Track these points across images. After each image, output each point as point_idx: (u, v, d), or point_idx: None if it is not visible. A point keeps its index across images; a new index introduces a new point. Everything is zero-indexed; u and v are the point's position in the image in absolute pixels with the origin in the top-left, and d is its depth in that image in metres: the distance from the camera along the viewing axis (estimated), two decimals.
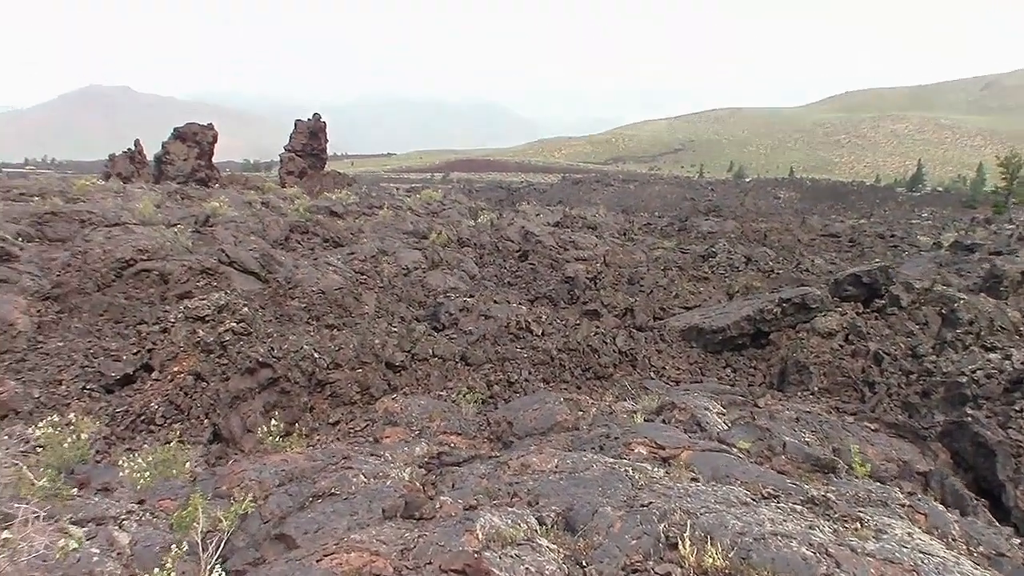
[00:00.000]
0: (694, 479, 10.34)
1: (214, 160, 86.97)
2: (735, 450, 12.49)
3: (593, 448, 12.41)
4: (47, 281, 25.70)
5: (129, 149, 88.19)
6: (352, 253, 32.70)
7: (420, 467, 10.89)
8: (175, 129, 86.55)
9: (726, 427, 14.51)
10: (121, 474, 11.78)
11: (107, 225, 31.87)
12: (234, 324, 17.88)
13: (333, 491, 9.17)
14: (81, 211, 33.49)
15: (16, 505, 8.47)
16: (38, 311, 23.62)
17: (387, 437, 15.32)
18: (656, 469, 10.64)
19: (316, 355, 17.58)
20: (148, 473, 11.65)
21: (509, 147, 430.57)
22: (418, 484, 9.68)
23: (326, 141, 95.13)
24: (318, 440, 16.14)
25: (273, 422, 15.00)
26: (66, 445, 12.46)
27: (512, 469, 10.20)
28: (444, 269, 33.73)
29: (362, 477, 9.63)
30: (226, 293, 20.21)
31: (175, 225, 33.28)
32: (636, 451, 12.00)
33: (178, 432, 16.00)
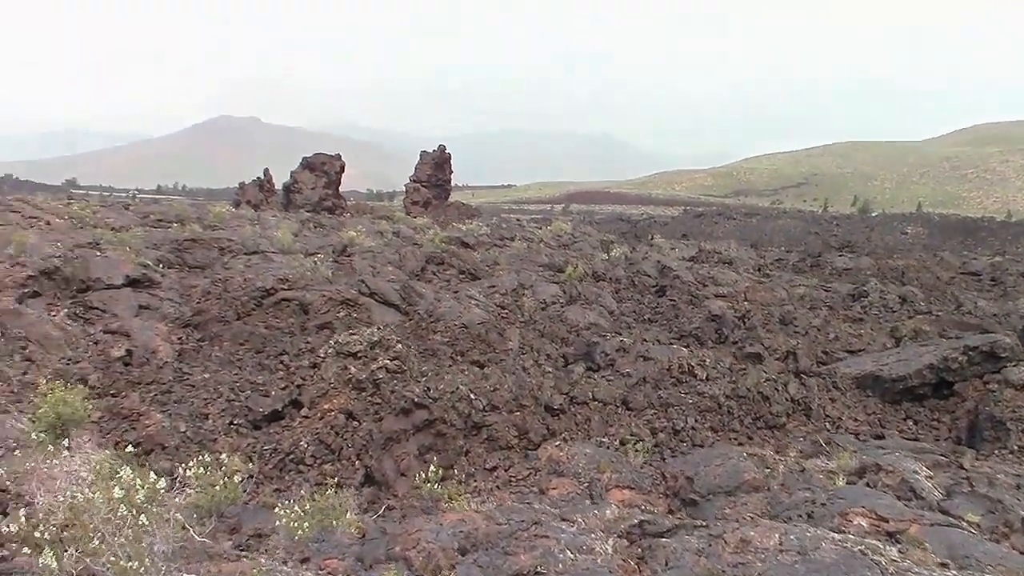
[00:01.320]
0: (942, 564, 8.85)
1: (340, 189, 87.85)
2: (964, 524, 10.93)
3: (800, 516, 11.00)
4: (187, 308, 25.33)
5: (258, 178, 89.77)
6: (492, 286, 31.72)
7: (620, 537, 9.62)
8: (304, 158, 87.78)
9: (942, 494, 12.90)
10: (277, 522, 10.83)
11: (246, 253, 31.61)
12: (388, 361, 16.90)
13: (539, 570, 7.95)
14: (220, 238, 33.35)
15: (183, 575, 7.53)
16: (179, 339, 23.18)
17: (554, 488, 14.13)
18: (888, 547, 9.18)
19: (472, 396, 16.52)
20: (307, 523, 10.67)
21: (628, 179, 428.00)
22: (631, 563, 8.42)
23: (451, 172, 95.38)
24: (476, 487, 15.04)
25: (431, 468, 13.93)
26: (217, 487, 11.56)
27: (731, 546, 8.86)
28: (583, 304, 32.50)
29: (568, 553, 8.41)
30: (379, 328, 19.29)
31: (313, 254, 32.84)
32: (855, 523, 10.56)
33: (328, 474, 15.09)
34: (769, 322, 30.75)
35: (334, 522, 11.16)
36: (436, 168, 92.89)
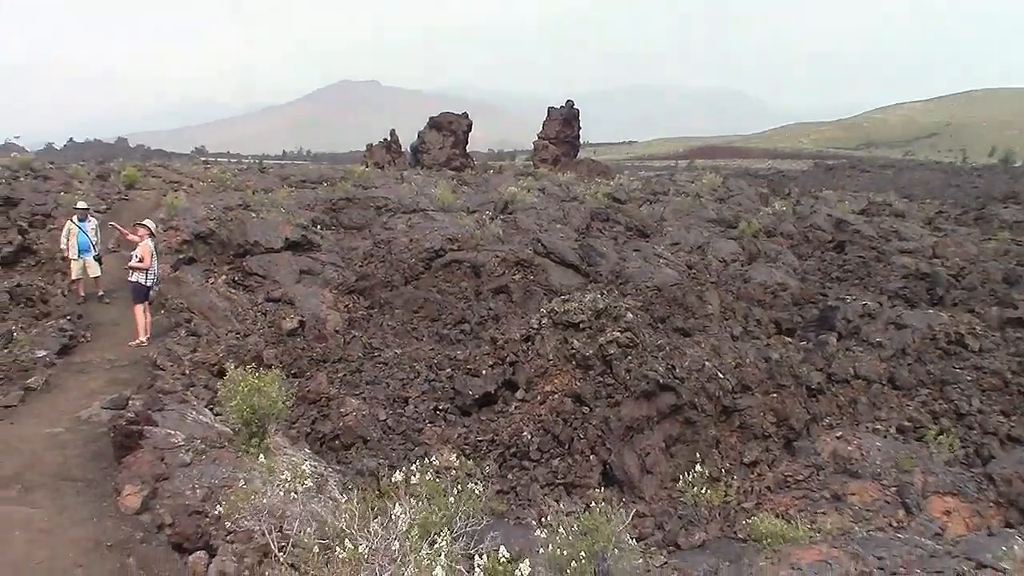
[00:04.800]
0: None
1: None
2: None
3: None
4: (351, 273, 23.11)
5: (385, 139, 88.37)
6: (676, 243, 28.81)
7: None
8: (431, 119, 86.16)
9: None
10: (540, 549, 8.26)
11: (405, 212, 29.24)
12: (618, 333, 14.12)
13: None
14: (376, 197, 31.05)
15: None
16: (346, 306, 20.97)
17: (852, 494, 11.24)
18: None
19: (720, 375, 13.67)
20: (568, 548, 8.07)
21: (752, 133, 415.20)
22: None
23: (579, 128, 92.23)
24: (740, 488, 12.23)
25: (698, 468, 11.19)
26: (451, 500, 8.95)
27: None
28: (765, 262, 29.38)
29: None
30: (602, 294, 16.52)
31: (474, 212, 30.37)
32: None
33: (559, 471, 12.48)
34: (989, 281, 27.08)
35: (598, 544, 8.50)
36: (564, 124, 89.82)
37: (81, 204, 19.37)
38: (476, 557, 6.04)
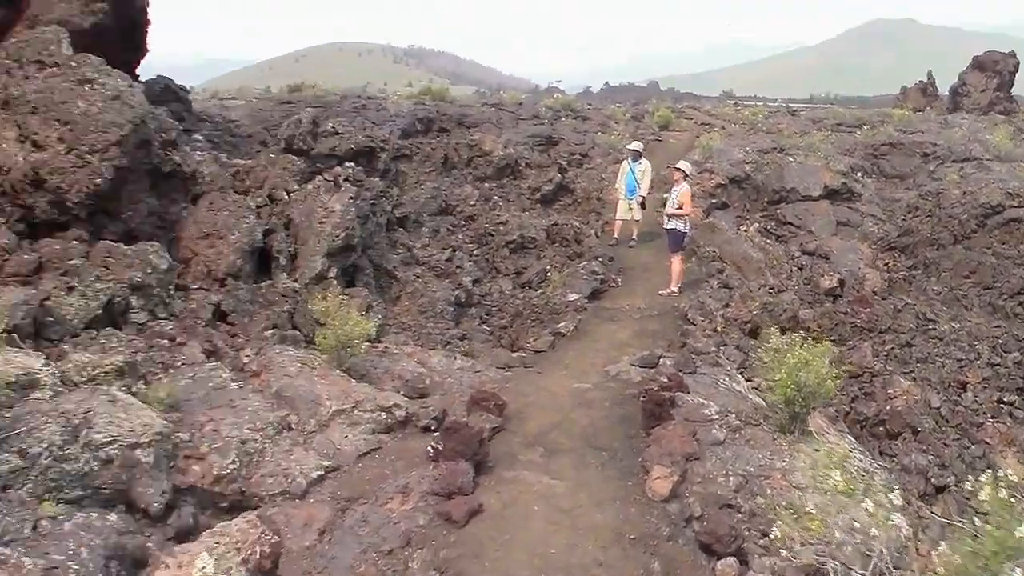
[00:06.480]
0: None
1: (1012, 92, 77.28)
2: None
3: None
4: (892, 227, 21.06)
5: (921, 81, 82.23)
6: None
7: None
8: (974, 58, 78.43)
9: None
10: None
11: (955, 160, 26.30)
12: None
13: None
14: (922, 143, 28.22)
15: None
16: (885, 265, 19.10)
17: None
18: None
19: None
20: None
21: None
22: None
23: None
24: None
25: None
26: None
27: None
28: None
29: None
30: None
31: None
32: None
33: None
34: None
35: None
36: None
37: (634, 145, 19.31)
38: None
